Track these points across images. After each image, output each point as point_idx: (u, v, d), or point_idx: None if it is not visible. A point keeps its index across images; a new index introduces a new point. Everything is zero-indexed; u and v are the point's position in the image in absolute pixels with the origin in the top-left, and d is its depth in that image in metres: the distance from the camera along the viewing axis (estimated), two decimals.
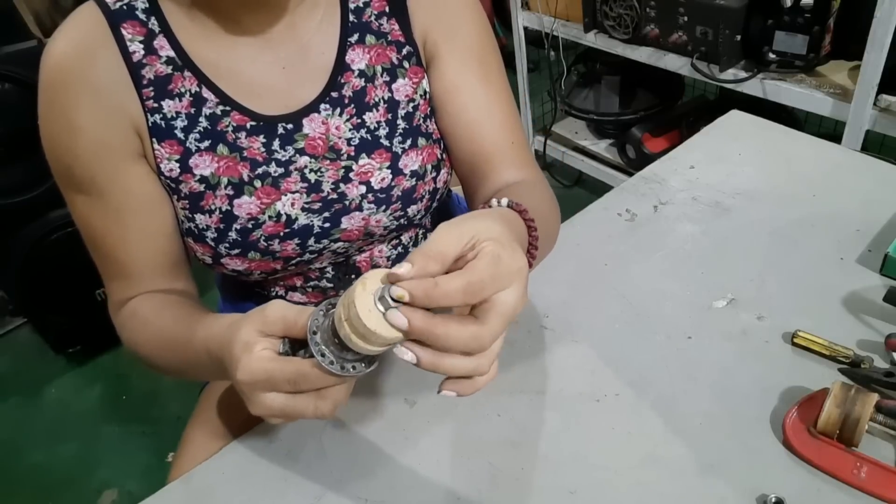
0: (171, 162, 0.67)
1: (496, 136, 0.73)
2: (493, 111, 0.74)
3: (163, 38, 0.65)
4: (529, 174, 0.74)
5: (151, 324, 0.67)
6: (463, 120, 0.73)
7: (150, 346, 0.67)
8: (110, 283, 0.72)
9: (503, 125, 0.74)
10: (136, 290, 0.71)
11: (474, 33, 0.74)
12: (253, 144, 0.68)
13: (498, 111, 0.74)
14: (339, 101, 0.70)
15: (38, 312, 1.86)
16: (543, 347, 0.73)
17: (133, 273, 0.70)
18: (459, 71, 0.73)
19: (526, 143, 0.77)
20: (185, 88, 0.66)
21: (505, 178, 0.73)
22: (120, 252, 0.69)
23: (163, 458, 1.63)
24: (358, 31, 0.71)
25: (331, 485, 0.62)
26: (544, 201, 0.70)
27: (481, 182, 0.74)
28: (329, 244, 0.73)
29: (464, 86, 0.73)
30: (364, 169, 0.71)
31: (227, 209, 0.68)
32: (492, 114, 0.73)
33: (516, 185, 0.72)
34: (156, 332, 0.66)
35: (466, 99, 0.73)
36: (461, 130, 0.74)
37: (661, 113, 2.08)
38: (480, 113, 0.73)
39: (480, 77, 0.73)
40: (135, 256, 0.69)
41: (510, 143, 0.74)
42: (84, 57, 0.63)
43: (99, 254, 0.71)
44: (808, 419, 0.60)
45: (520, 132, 0.76)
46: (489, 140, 0.73)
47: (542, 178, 0.76)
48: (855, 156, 0.98)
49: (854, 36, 1.42)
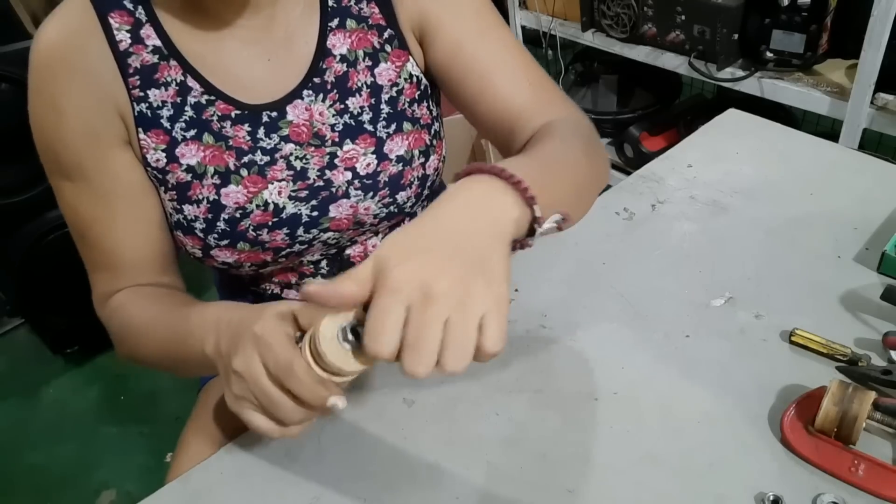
0: (157, 152, 0.67)
1: (511, 83, 0.70)
2: (500, 60, 0.70)
3: (149, 27, 0.66)
4: (558, 110, 0.69)
5: (138, 315, 0.67)
6: (473, 77, 0.70)
7: (137, 338, 0.67)
8: (96, 274, 0.72)
9: (515, 69, 0.70)
10: (122, 283, 0.70)
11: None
12: (238, 133, 0.68)
13: (506, 58, 0.71)
14: (322, 87, 0.70)
15: (36, 313, 1.85)
16: (542, 346, 0.73)
17: (120, 263, 0.70)
18: (456, 32, 0.71)
19: (546, 79, 0.72)
20: (171, 78, 0.67)
21: (533, 124, 0.68)
22: (107, 240, 0.69)
23: (161, 458, 1.62)
24: (338, 15, 0.70)
25: (329, 485, 0.62)
26: (574, 136, 0.63)
27: (511, 136, 0.70)
28: (319, 234, 0.72)
29: (464, 43, 0.70)
30: (349, 155, 0.71)
31: (214, 199, 0.68)
32: (499, 63, 0.70)
33: (541, 130, 0.66)
34: (143, 323, 0.66)
35: (470, 54, 0.70)
36: (473, 88, 0.71)
37: (659, 112, 2.08)
38: (487, 65, 0.70)
39: (479, 31, 0.71)
40: (122, 245, 0.69)
41: (528, 85, 0.70)
42: (72, 43, 0.64)
43: (85, 243, 0.70)
44: (805, 417, 0.60)
45: (536, 72, 0.72)
46: (505, 89, 0.69)
47: (575, 109, 0.71)
48: (852, 154, 0.98)
49: (851, 34, 1.42)
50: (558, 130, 0.64)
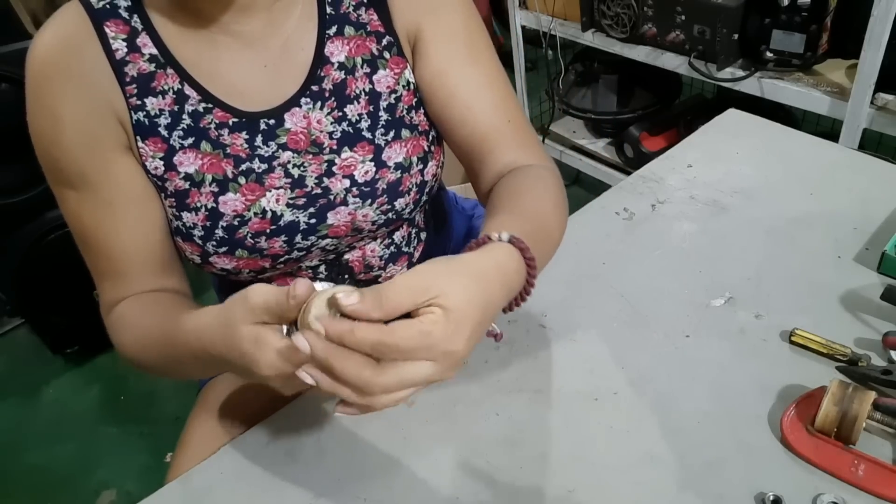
0: (155, 160, 0.67)
1: (490, 117, 0.71)
2: (483, 92, 0.72)
3: (145, 35, 0.66)
4: (532, 156, 0.72)
5: (138, 325, 0.67)
6: (454, 104, 0.72)
7: (137, 345, 0.66)
8: (102, 282, 0.71)
9: (496, 105, 0.72)
10: (128, 290, 0.70)
11: (459, 16, 0.73)
12: (236, 141, 0.68)
13: (489, 91, 0.72)
14: (320, 95, 0.70)
15: (36, 313, 1.85)
16: (542, 346, 0.73)
17: (125, 270, 0.70)
18: (446, 55, 0.72)
19: (525, 122, 0.74)
20: (168, 86, 0.67)
21: (504, 159, 0.71)
22: (112, 247, 0.69)
23: (161, 458, 1.62)
24: (336, 22, 0.70)
25: (329, 485, 0.62)
26: (547, 193, 0.67)
27: (481, 166, 0.72)
28: (317, 241, 0.72)
29: (451, 69, 0.72)
30: (347, 162, 0.71)
31: (212, 206, 0.68)
32: (482, 95, 0.72)
33: (517, 171, 0.70)
34: (143, 332, 0.66)
35: (455, 82, 0.71)
36: (453, 114, 0.72)
37: (659, 112, 2.08)
38: (471, 95, 0.72)
39: (468, 59, 0.72)
40: (127, 251, 0.69)
41: (506, 122, 0.72)
42: (69, 50, 0.64)
43: (90, 251, 0.70)
44: (805, 417, 0.60)
45: (516, 111, 0.74)
46: (482, 121, 0.71)
47: (546, 159, 0.73)
48: (852, 154, 0.98)
49: (851, 34, 1.42)
50: (537, 185, 0.67)
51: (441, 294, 0.46)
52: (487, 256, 0.53)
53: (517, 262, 0.54)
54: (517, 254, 0.55)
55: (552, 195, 0.68)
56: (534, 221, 0.62)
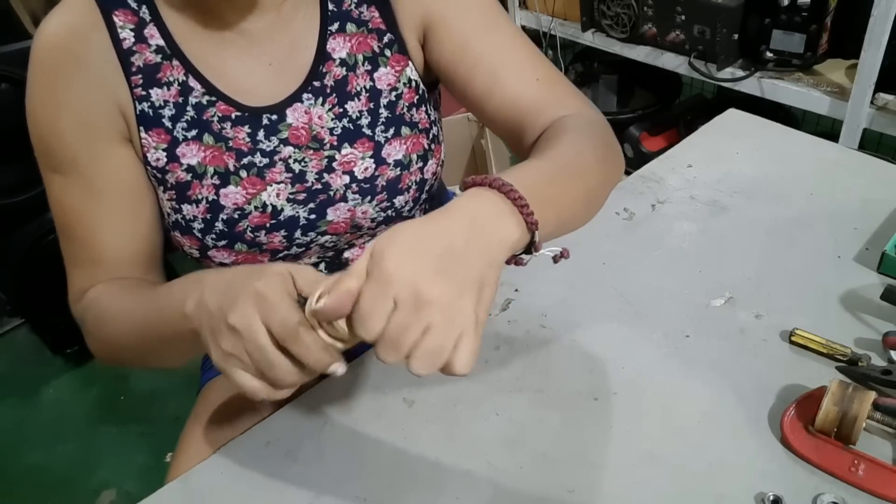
0: (157, 151, 0.67)
1: (520, 80, 0.68)
2: (507, 55, 0.69)
3: (153, 26, 0.66)
4: (569, 106, 0.67)
5: (115, 303, 0.65)
6: (480, 75, 0.69)
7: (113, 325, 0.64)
8: (75, 270, 0.70)
9: (523, 65, 0.69)
10: (100, 278, 0.69)
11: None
12: (238, 135, 0.69)
13: (513, 53, 0.69)
14: (321, 91, 0.70)
15: (36, 313, 1.85)
16: (541, 346, 0.73)
17: (102, 259, 0.69)
18: (462, 29, 0.70)
19: (556, 75, 0.71)
20: (174, 77, 0.67)
21: (542, 121, 0.67)
22: (95, 236, 0.68)
23: (161, 458, 1.62)
24: (338, 19, 0.70)
25: (329, 485, 0.62)
26: (579, 135, 0.62)
27: (522, 134, 0.69)
28: (316, 237, 0.73)
29: (470, 41, 0.69)
30: (347, 158, 0.71)
31: (213, 199, 0.68)
32: (508, 58, 0.69)
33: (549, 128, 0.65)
34: (119, 308, 0.64)
35: (477, 50, 0.69)
36: (483, 86, 0.69)
37: (659, 112, 2.08)
38: (495, 60, 0.69)
39: (486, 27, 0.70)
40: (110, 241, 0.69)
41: (536, 81, 0.68)
42: (76, 37, 0.64)
43: (70, 237, 0.70)
44: (805, 417, 0.60)
45: (545, 67, 0.70)
46: (514, 86, 0.68)
47: (586, 105, 0.69)
48: (852, 154, 0.98)
49: (851, 34, 1.42)
50: (569, 130, 0.62)
51: (376, 243, 0.45)
52: (450, 206, 0.49)
53: (491, 201, 0.49)
54: (491, 192, 0.49)
55: (590, 136, 0.62)
56: (550, 167, 0.57)
